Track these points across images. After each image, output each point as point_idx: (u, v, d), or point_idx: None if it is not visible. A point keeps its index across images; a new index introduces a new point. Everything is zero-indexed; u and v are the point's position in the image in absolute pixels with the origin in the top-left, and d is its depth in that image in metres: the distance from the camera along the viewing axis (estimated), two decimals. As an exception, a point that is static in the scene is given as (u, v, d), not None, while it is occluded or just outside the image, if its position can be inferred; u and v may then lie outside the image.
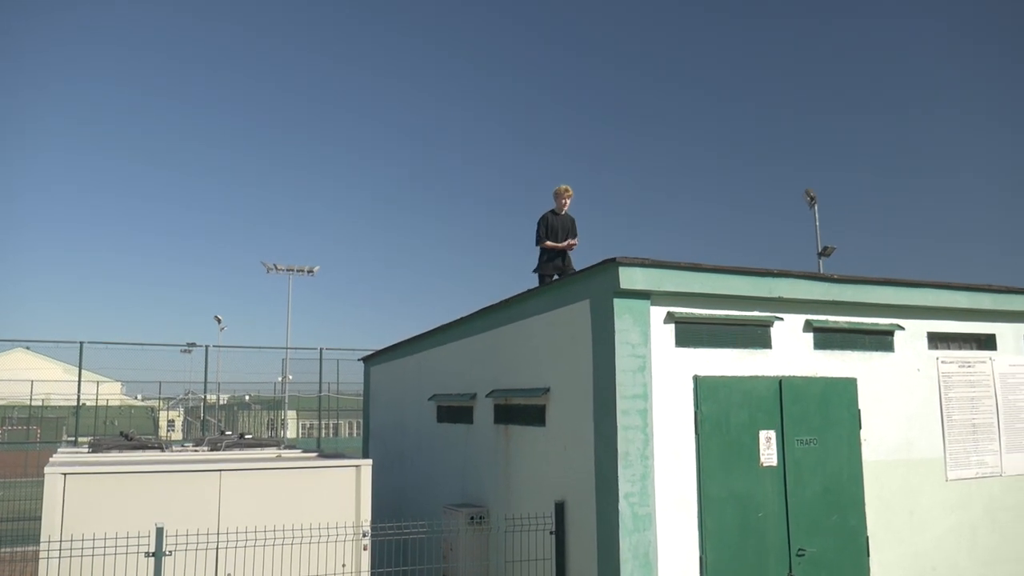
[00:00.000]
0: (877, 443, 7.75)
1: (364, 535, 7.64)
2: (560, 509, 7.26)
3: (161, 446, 9.80)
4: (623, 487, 6.43)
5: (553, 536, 7.25)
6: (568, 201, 10.01)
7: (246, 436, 11.08)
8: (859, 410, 7.69)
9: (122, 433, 10.96)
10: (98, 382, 31.64)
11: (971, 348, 8.61)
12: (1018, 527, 8.40)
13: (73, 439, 20.14)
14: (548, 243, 9.73)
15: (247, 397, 41.73)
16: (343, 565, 7.43)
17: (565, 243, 9.76)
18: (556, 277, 9.37)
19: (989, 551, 8.16)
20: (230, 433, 13.27)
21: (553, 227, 9.84)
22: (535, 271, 9.89)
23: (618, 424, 6.49)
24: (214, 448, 9.75)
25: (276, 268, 44.60)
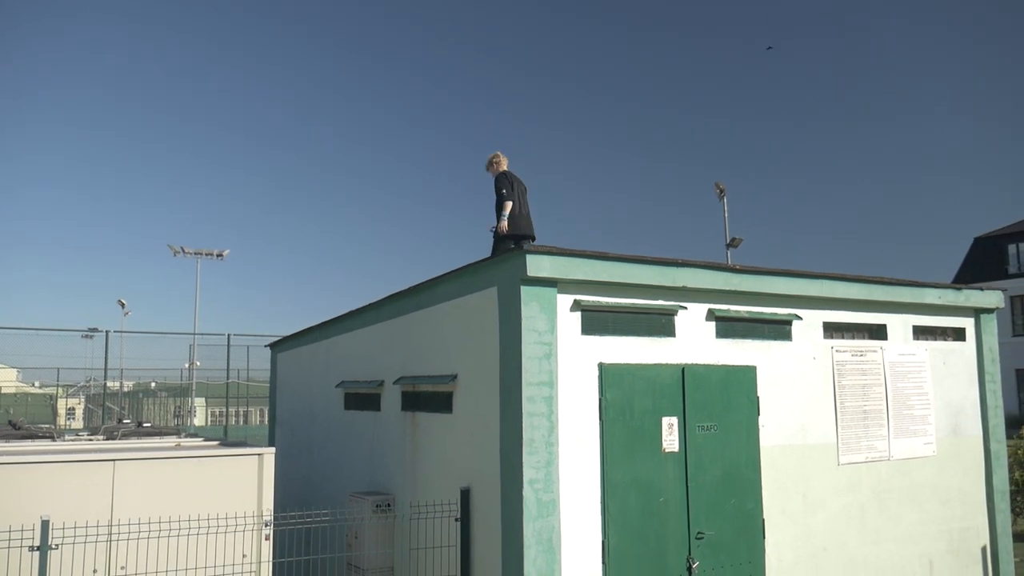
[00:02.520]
0: (774, 429, 8.01)
1: (266, 525, 7.49)
2: (466, 496, 7.26)
3: (52, 435, 9.39)
4: (528, 473, 6.47)
5: (458, 523, 7.25)
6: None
7: (144, 424, 10.72)
8: (758, 397, 7.93)
9: (10, 422, 10.44)
10: (-10, 368, 30.22)
11: (863, 338, 8.98)
12: (902, 508, 8.82)
13: (-39, 428, 19.12)
14: (508, 204, 9.23)
15: (153, 384, 40.40)
16: (244, 556, 7.26)
17: (500, 226, 9.18)
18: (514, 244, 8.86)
19: (875, 531, 8.55)
20: (128, 421, 12.82)
21: (512, 183, 9.37)
22: (490, 229, 9.37)
23: (523, 411, 6.52)
24: (110, 437, 9.41)
25: (184, 251, 43.28)
